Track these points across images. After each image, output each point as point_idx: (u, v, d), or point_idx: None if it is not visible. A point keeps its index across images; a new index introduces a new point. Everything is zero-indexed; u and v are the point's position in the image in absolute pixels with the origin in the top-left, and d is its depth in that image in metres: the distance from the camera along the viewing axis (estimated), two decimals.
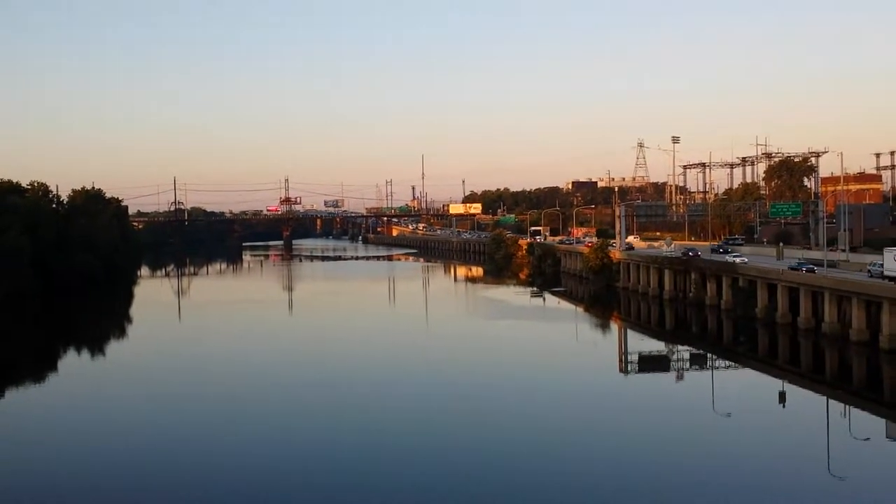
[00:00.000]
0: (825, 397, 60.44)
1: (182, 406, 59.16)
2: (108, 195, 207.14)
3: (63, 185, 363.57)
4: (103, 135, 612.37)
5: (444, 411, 56.17)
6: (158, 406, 59.18)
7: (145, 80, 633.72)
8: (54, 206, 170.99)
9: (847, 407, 56.86)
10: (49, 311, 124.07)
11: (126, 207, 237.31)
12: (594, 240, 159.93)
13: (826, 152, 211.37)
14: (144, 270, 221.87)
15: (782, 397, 60.43)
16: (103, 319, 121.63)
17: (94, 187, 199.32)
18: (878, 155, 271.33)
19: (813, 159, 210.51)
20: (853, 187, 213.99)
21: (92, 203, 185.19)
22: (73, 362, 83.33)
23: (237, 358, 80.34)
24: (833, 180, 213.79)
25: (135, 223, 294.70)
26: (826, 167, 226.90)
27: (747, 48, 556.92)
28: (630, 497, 38.69)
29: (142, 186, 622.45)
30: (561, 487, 39.46)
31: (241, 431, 51.43)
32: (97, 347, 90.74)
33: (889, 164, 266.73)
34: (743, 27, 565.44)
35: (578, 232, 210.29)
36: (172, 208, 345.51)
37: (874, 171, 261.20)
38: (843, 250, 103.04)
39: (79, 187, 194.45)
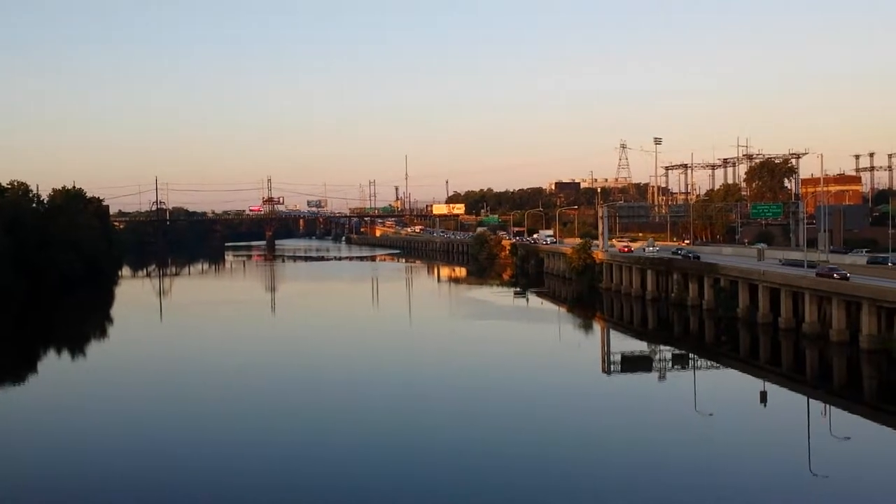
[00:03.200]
0: (806, 397, 60.93)
1: (163, 408, 58.50)
2: (88, 195, 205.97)
3: (43, 185, 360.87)
4: (84, 134, 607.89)
5: (427, 412, 56.04)
6: (138, 408, 58.63)
7: (126, 79, 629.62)
8: (34, 205, 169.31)
9: (827, 406, 57.34)
10: (29, 310, 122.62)
11: (107, 207, 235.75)
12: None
13: (806, 154, 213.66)
14: (126, 270, 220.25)
15: (763, 397, 60.89)
16: (84, 320, 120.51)
17: (74, 187, 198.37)
18: (857, 156, 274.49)
19: (793, 160, 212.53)
20: (833, 188, 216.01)
21: (73, 203, 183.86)
22: (52, 363, 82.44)
23: (219, 359, 79.86)
24: (813, 181, 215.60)
25: (116, 223, 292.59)
26: (806, 168, 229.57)
27: (729, 49, 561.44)
28: (612, 497, 38.84)
29: (123, 186, 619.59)
30: (542, 487, 39.56)
31: (224, 434, 51.12)
32: (77, 348, 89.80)
33: (868, 165, 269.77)
34: (725, 29, 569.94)
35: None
36: (154, 208, 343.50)
37: (854, 173, 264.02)
38: (823, 251, 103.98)
39: (59, 187, 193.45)
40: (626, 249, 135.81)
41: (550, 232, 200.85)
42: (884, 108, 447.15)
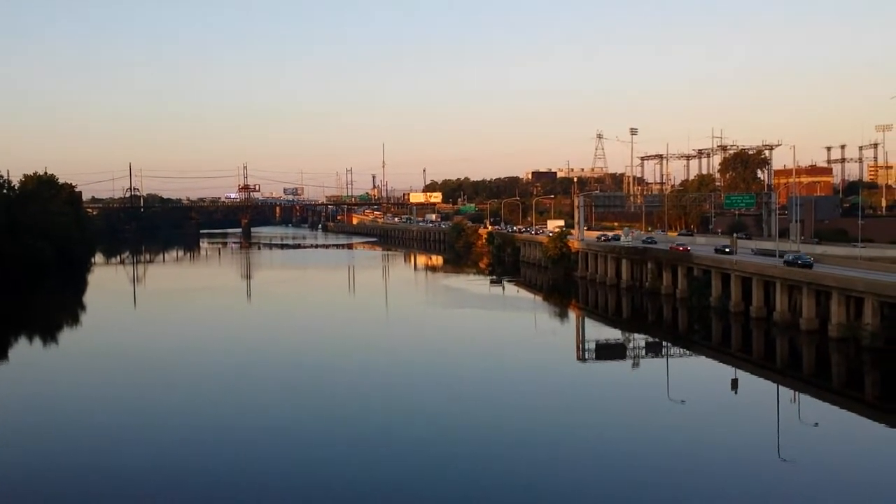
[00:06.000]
0: (776, 384, 61.92)
1: (134, 397, 58.16)
2: (61, 181, 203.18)
3: (14, 171, 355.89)
4: (56, 119, 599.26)
5: (403, 400, 56.30)
6: (109, 397, 58.33)
7: (99, 64, 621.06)
8: (5, 191, 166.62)
9: (797, 393, 58.36)
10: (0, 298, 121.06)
11: (80, 193, 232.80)
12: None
13: (779, 145, 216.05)
14: (99, 258, 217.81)
15: (735, 384, 61.76)
16: (56, 308, 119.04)
17: (46, 173, 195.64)
18: (829, 148, 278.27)
19: (766, 152, 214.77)
20: (805, 179, 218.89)
21: (44, 189, 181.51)
22: (23, 351, 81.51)
23: (193, 349, 79.58)
24: (785, 173, 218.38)
25: (89, 209, 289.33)
26: (779, 160, 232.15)
27: (704, 42, 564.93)
28: (584, 482, 39.36)
29: (96, 172, 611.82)
30: (517, 473, 39.98)
31: (198, 424, 51.08)
32: (49, 336, 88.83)
33: (840, 157, 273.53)
34: (699, 21, 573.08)
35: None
36: (128, 195, 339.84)
37: (825, 164, 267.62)
38: (795, 241, 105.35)
39: (31, 173, 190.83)
40: (681, 249, 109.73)
41: (562, 223, 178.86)
42: (855, 102, 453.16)
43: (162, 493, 37.97)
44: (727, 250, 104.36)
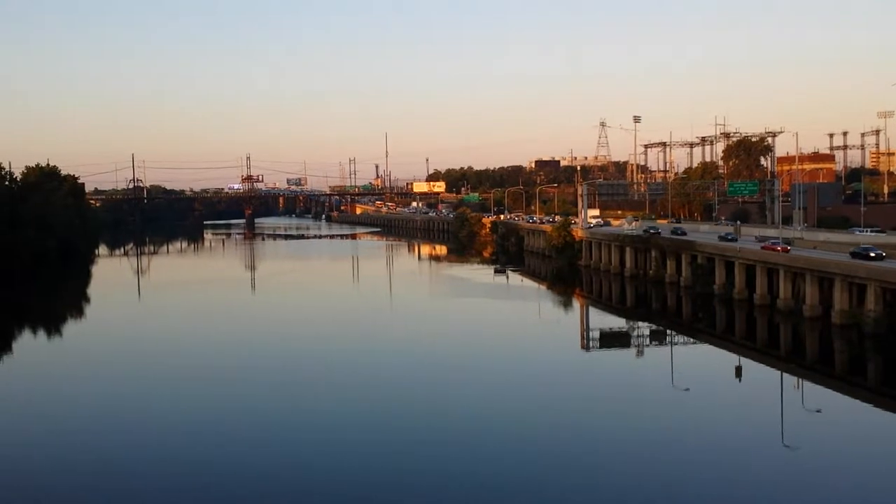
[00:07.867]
0: (779, 371, 62.10)
1: (140, 390, 58.42)
2: (63, 173, 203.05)
3: (16, 162, 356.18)
4: (59, 111, 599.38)
5: (408, 389, 56.64)
6: (115, 390, 58.58)
7: (102, 56, 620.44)
8: (7, 183, 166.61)
9: (800, 380, 58.55)
10: (1, 291, 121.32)
11: (83, 185, 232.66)
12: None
13: (782, 132, 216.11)
14: (102, 249, 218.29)
15: (738, 371, 62.02)
16: (58, 300, 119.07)
17: (49, 164, 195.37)
18: (831, 135, 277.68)
19: (769, 139, 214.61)
20: (808, 167, 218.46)
21: (47, 181, 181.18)
22: (27, 344, 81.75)
23: (197, 341, 79.91)
24: (788, 160, 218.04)
25: (92, 201, 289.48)
26: (782, 147, 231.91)
27: (707, 29, 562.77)
28: (589, 470, 39.65)
29: (99, 164, 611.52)
30: (519, 462, 40.26)
31: (202, 417, 51.38)
32: (52, 329, 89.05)
33: (842, 144, 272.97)
34: (703, 8, 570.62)
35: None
36: (131, 186, 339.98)
37: (828, 151, 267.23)
38: (799, 228, 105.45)
39: (33, 164, 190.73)
40: (781, 249, 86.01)
41: (597, 212, 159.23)
42: (857, 88, 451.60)
43: (162, 486, 38.29)
44: (625, 228, 76.47)
